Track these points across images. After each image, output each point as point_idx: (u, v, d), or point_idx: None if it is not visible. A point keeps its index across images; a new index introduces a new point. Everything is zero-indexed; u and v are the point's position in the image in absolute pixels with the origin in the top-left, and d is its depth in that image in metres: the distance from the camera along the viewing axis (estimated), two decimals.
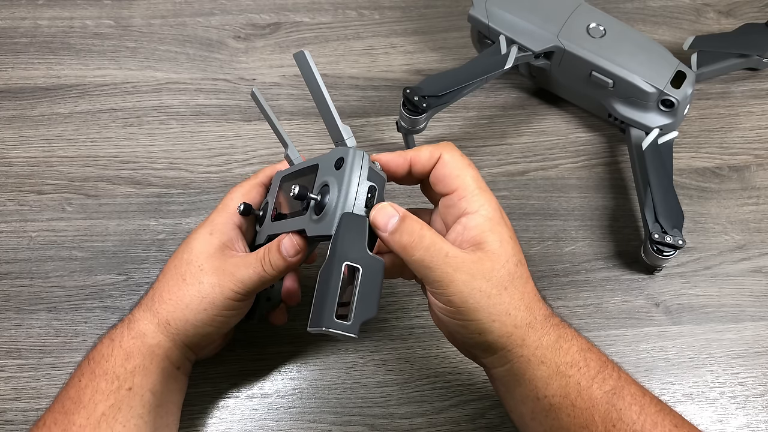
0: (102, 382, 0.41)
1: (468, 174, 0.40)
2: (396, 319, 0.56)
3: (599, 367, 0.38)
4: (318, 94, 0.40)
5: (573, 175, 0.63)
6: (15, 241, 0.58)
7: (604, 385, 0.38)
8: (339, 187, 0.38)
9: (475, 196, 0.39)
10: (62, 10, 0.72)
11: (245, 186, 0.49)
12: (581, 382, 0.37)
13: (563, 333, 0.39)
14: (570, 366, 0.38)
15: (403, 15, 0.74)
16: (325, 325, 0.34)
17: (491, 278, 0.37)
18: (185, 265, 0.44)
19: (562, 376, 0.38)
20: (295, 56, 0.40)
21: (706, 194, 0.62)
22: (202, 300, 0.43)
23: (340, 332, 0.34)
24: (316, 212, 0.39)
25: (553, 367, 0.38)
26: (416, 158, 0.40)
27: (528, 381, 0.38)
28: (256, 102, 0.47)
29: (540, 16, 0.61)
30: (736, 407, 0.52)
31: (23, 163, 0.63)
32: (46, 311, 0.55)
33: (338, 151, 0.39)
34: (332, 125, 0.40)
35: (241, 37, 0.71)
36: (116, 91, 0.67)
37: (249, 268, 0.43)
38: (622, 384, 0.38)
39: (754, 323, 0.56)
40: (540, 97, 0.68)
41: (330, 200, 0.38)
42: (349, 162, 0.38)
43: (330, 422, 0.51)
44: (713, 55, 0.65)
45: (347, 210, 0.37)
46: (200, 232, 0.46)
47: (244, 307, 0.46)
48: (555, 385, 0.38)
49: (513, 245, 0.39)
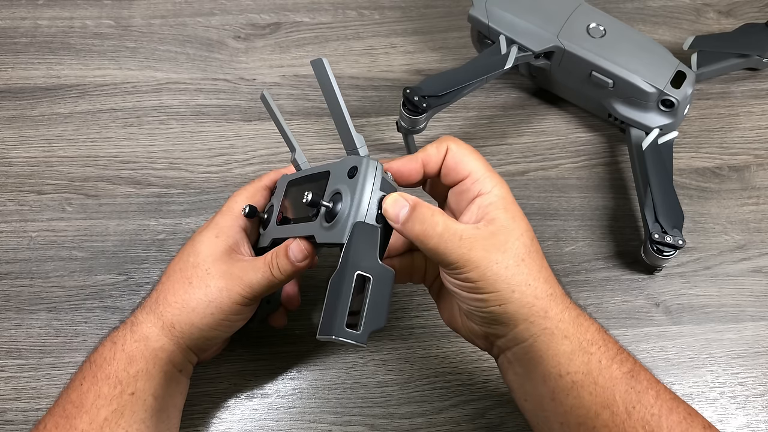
0: (104, 387, 0.41)
1: (477, 158, 0.40)
2: (396, 319, 0.56)
3: (617, 348, 0.38)
4: (333, 102, 0.40)
5: (573, 175, 0.63)
6: (15, 241, 0.58)
7: (623, 366, 0.38)
8: (352, 196, 0.38)
9: (487, 177, 0.40)
10: (62, 10, 0.72)
11: (249, 189, 0.48)
12: (602, 361, 0.37)
13: (581, 312, 0.39)
14: (591, 343, 0.38)
15: (403, 15, 0.74)
16: (335, 334, 0.34)
17: (507, 250, 0.37)
18: (191, 268, 0.44)
19: (585, 353, 0.37)
20: (312, 63, 0.39)
21: (706, 194, 0.62)
22: (209, 304, 0.43)
23: (349, 341, 0.34)
24: (327, 220, 0.38)
25: (576, 342, 0.38)
26: (427, 158, 0.41)
27: (551, 357, 0.38)
28: (266, 105, 0.47)
29: (540, 16, 0.61)
30: (736, 407, 0.52)
31: (23, 163, 0.63)
32: (46, 311, 0.55)
33: (351, 159, 0.39)
34: (346, 133, 0.40)
35: (241, 37, 0.71)
36: (116, 91, 0.67)
37: (257, 272, 0.43)
38: (638, 368, 0.38)
39: (754, 323, 0.56)
40: (540, 97, 0.68)
41: (342, 209, 0.38)
42: (363, 171, 0.38)
43: (330, 422, 0.51)
44: (713, 55, 0.65)
45: (360, 219, 0.37)
46: (206, 235, 0.45)
47: (250, 311, 0.45)
48: (578, 362, 0.37)
49: (526, 222, 0.39)
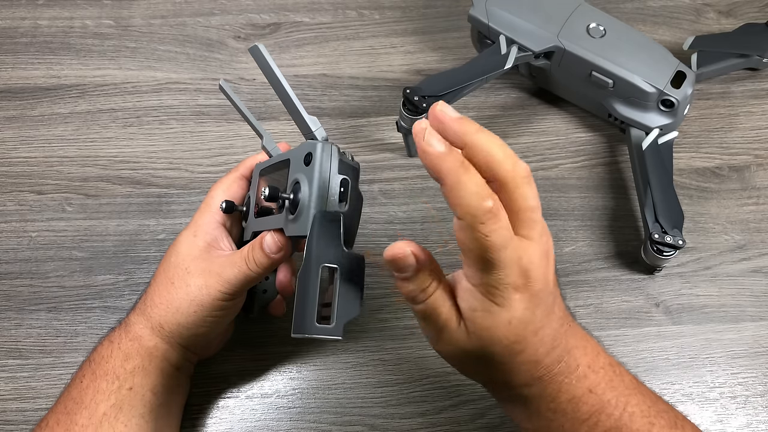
0: (103, 383, 0.41)
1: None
2: (396, 319, 0.56)
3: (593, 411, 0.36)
4: (279, 88, 0.38)
5: (573, 175, 0.63)
6: (15, 241, 0.58)
7: (596, 428, 0.36)
8: (310, 183, 0.36)
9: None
10: (62, 10, 0.72)
11: (225, 182, 0.48)
12: (565, 425, 0.36)
13: (551, 388, 0.36)
14: (554, 412, 0.36)
15: (403, 15, 0.74)
16: (307, 332, 0.33)
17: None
18: (173, 268, 0.44)
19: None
20: (250, 51, 0.38)
21: (706, 194, 0.62)
22: (191, 303, 0.43)
23: (323, 337, 0.33)
24: (291, 211, 0.37)
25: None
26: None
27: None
28: (226, 95, 0.45)
29: (540, 16, 0.61)
30: (736, 407, 0.52)
31: (23, 163, 0.63)
32: (46, 311, 0.55)
33: (306, 145, 0.38)
34: (299, 119, 0.38)
35: (241, 37, 0.71)
36: (116, 91, 0.67)
37: (234, 267, 0.43)
38: (624, 422, 0.36)
39: (754, 323, 0.56)
40: (540, 97, 0.68)
41: (302, 198, 0.36)
42: (318, 157, 0.36)
43: (330, 422, 0.51)
44: (713, 55, 0.65)
45: (320, 208, 0.36)
46: (185, 235, 0.46)
47: (234, 306, 0.45)
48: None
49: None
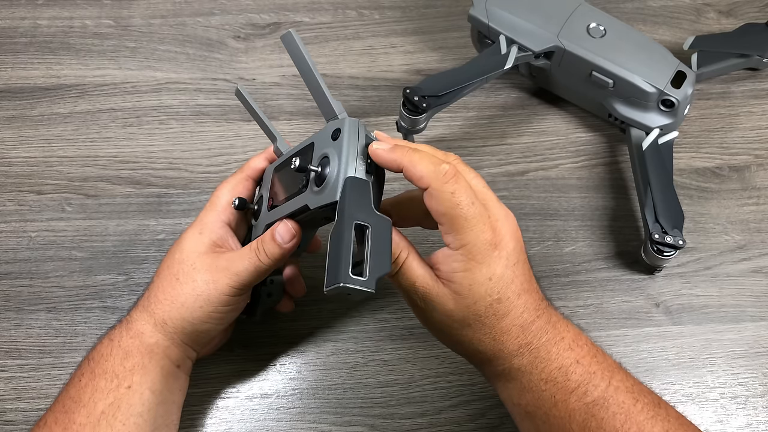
0: (101, 381, 0.41)
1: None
2: (396, 319, 0.56)
3: (583, 378, 0.38)
4: (307, 72, 0.41)
5: (573, 175, 0.63)
6: (15, 241, 0.58)
7: (585, 397, 0.38)
8: (339, 155, 0.38)
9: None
10: (62, 10, 0.72)
11: (231, 182, 0.49)
12: (556, 396, 0.38)
13: (541, 356, 0.39)
14: (546, 382, 0.38)
15: (403, 15, 0.74)
16: (342, 281, 0.33)
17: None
18: (177, 264, 0.45)
19: (536, 390, 0.39)
20: (282, 38, 0.41)
21: (706, 194, 0.62)
22: (197, 297, 0.43)
23: (357, 287, 0.33)
24: (317, 184, 0.39)
25: (526, 381, 0.39)
26: (409, 172, 0.38)
27: (504, 390, 0.41)
28: (242, 100, 0.47)
29: (540, 16, 0.61)
30: (737, 407, 0.52)
31: (23, 163, 0.63)
32: (45, 311, 0.55)
33: (333, 123, 0.40)
34: (324, 102, 0.41)
35: (241, 37, 0.71)
36: (116, 91, 0.67)
37: (244, 260, 0.43)
38: (610, 394, 0.38)
39: (754, 323, 0.56)
40: (540, 97, 0.68)
41: (331, 170, 0.38)
42: (346, 131, 0.38)
43: (330, 422, 0.51)
44: (713, 55, 0.65)
45: (350, 174, 0.37)
46: (190, 232, 0.46)
47: (240, 302, 0.46)
48: (528, 397, 0.39)
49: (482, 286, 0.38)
